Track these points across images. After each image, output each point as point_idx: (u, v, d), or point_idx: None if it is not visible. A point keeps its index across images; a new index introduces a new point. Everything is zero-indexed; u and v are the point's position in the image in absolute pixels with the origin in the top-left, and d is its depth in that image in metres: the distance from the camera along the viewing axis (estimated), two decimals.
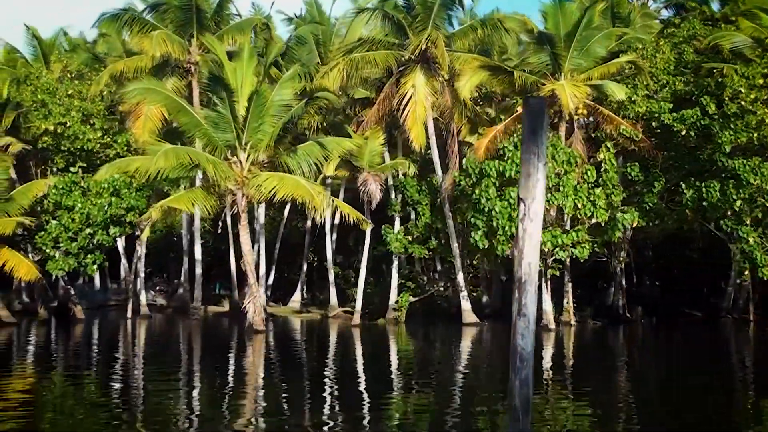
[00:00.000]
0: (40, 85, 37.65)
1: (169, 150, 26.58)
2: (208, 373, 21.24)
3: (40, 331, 34.70)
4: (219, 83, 27.93)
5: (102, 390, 18.12)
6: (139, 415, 15.12)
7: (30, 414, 14.96)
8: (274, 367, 22.90)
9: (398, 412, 15.70)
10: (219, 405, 16.24)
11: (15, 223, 33.60)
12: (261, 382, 19.92)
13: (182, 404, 16.46)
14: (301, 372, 21.41)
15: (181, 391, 18.11)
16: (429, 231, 38.77)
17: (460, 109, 36.39)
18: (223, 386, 18.76)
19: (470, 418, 14.70)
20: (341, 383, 19.26)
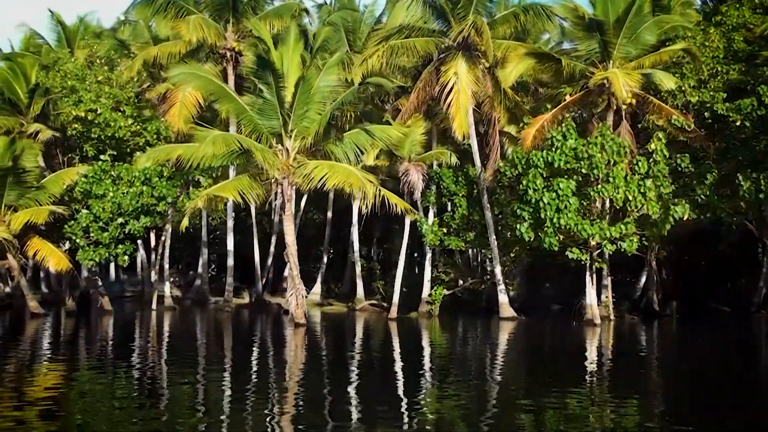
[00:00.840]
0: (70, 70, 36.64)
1: (218, 136, 25.66)
2: (279, 370, 20.41)
3: (74, 323, 33.89)
4: (266, 68, 26.99)
5: (210, 389, 17.27)
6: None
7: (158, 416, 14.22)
8: (340, 364, 21.99)
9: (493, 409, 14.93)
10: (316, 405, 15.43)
11: (47, 212, 32.69)
12: (341, 379, 18.91)
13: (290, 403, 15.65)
14: (371, 368, 20.70)
15: (276, 389, 17.29)
16: (465, 223, 37.88)
17: (499, 98, 35.54)
18: (311, 385, 17.93)
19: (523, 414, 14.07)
20: (419, 378, 18.49)
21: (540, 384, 18.00)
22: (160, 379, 18.39)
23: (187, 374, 18.84)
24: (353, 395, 16.39)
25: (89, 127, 35.86)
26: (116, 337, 28.19)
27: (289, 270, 28.59)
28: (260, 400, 15.67)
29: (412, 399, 15.96)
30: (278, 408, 15.02)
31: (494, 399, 16.20)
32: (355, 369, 20.39)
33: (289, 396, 16.37)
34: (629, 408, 15.25)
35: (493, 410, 15.07)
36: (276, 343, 26.55)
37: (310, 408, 14.96)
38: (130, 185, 35.32)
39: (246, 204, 34.58)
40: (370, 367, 20.95)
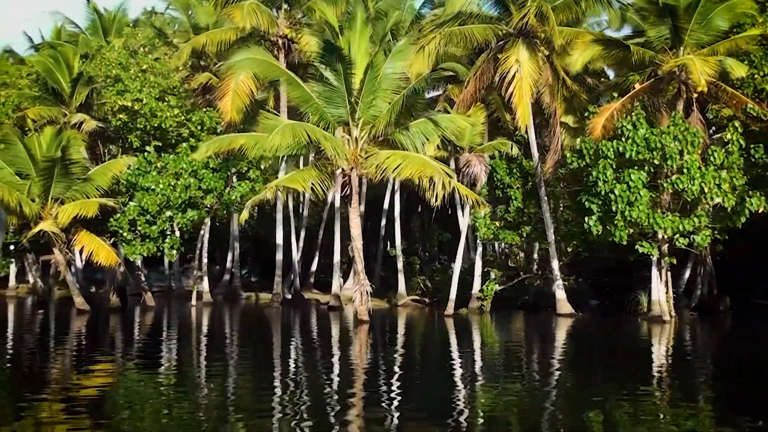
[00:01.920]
0: (113, 59, 35.53)
1: (287, 126, 24.49)
2: (381, 370, 19.29)
3: (123, 319, 32.79)
4: (333, 54, 25.80)
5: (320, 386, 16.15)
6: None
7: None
8: (428, 363, 20.89)
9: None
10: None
11: (97, 205, 31.61)
12: (447, 380, 17.81)
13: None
14: (462, 368, 19.59)
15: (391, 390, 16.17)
16: (520, 216, 36.70)
17: (557, 87, 34.33)
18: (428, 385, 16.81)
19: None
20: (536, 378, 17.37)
21: (625, 385, 16.82)
22: (263, 385, 16.95)
23: (285, 378, 17.60)
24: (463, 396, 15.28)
25: (134, 117, 34.77)
26: (177, 336, 27.03)
27: (354, 265, 27.45)
28: (385, 403, 14.49)
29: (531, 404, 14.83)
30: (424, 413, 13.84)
31: (583, 400, 15.09)
32: (460, 369, 19.32)
33: (412, 397, 15.20)
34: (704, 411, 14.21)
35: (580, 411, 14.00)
36: (350, 342, 25.28)
37: (432, 408, 13.84)
38: (177, 177, 34.28)
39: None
40: (470, 367, 19.83)
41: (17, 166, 31.98)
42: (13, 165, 32.02)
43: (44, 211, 32.15)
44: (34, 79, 37.81)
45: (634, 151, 29.09)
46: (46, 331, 28.48)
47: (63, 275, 33.53)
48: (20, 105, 36.64)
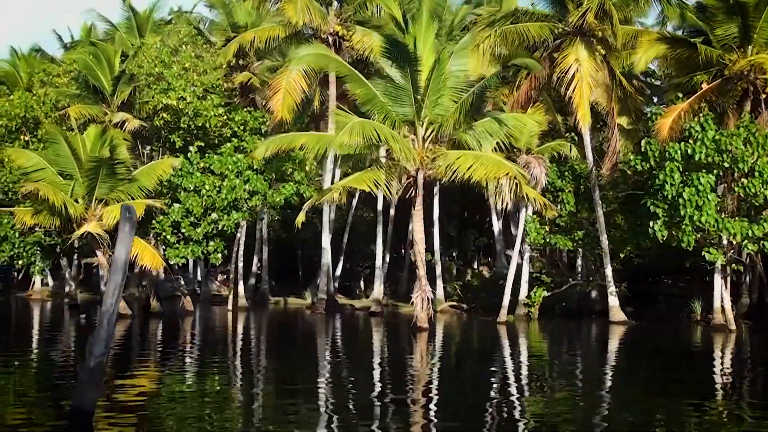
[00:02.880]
0: (154, 57, 34.52)
1: (357, 124, 23.45)
2: (468, 383, 18.30)
3: (167, 324, 31.86)
4: (399, 50, 24.79)
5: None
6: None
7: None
8: (522, 375, 19.81)
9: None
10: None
11: (144, 207, 30.54)
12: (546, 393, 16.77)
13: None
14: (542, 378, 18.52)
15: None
16: (572, 220, 35.61)
17: (613, 87, 33.30)
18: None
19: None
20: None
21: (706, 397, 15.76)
22: (351, 404, 15.86)
23: (365, 389, 16.47)
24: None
25: (178, 116, 33.75)
26: (230, 343, 25.93)
27: (417, 270, 26.35)
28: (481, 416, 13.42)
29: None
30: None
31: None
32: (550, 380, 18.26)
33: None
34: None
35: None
36: (415, 350, 24.15)
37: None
38: (222, 178, 33.27)
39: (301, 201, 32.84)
40: (541, 378, 18.78)
41: (60, 166, 30.95)
42: (55, 164, 31.00)
43: (88, 212, 31.14)
44: (73, 77, 36.81)
45: (703, 154, 28.04)
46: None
47: (105, 278, 32.39)
48: (58, 104, 35.59)
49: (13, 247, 33.10)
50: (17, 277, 52.07)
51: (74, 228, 31.35)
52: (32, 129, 34.38)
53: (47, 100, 34.30)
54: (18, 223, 30.89)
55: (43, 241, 33.62)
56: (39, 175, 30.78)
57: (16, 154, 31.18)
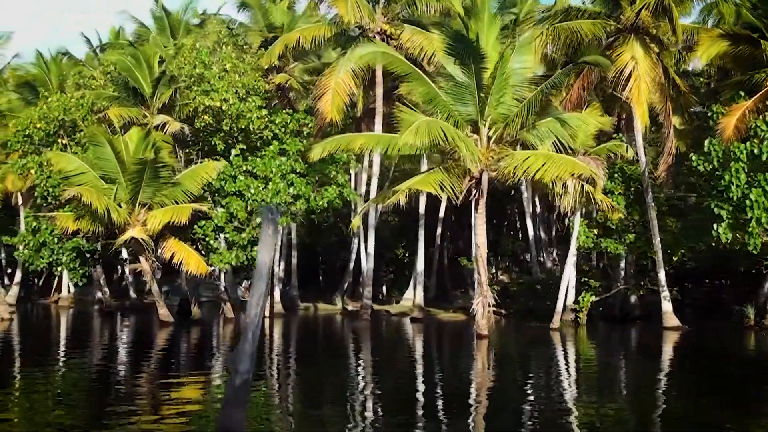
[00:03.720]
0: (193, 59, 33.68)
1: (423, 123, 22.51)
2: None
3: (214, 331, 31.00)
4: (463, 46, 23.87)
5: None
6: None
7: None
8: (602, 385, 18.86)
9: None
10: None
11: (190, 211, 29.75)
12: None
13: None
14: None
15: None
16: (622, 223, 34.59)
17: (668, 86, 32.35)
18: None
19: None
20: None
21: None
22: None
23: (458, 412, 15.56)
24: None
25: (220, 118, 32.91)
26: (297, 353, 24.67)
27: (477, 275, 25.45)
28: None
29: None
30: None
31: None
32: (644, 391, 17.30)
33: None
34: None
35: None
36: (490, 362, 23.07)
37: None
38: (266, 182, 32.42)
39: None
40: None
41: (103, 170, 30.13)
42: (98, 168, 30.19)
43: (131, 217, 30.31)
44: (109, 79, 35.98)
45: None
46: (152, 344, 26.76)
47: (149, 285, 31.58)
48: (93, 106, 34.70)
49: (51, 254, 32.21)
50: (37, 283, 51.18)
51: (116, 233, 30.54)
52: (70, 132, 33.52)
53: (85, 102, 33.41)
54: (60, 229, 30.04)
55: (81, 246, 32.78)
56: (81, 179, 29.98)
57: (57, 157, 30.36)
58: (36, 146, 33.25)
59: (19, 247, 32.63)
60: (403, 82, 26.50)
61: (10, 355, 23.44)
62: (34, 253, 32.41)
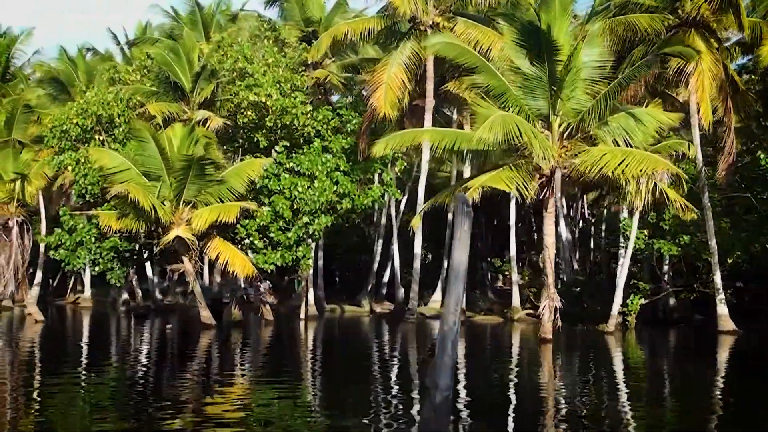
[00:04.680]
0: (237, 52, 32.63)
1: (498, 117, 21.41)
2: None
3: (259, 335, 29.94)
4: (533, 37, 22.80)
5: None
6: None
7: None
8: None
9: None
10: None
11: (237, 210, 28.67)
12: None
13: None
14: None
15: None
16: (676, 224, 33.52)
17: (727, 83, 31.31)
18: None
19: None
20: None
21: None
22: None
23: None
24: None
25: (263, 114, 31.84)
26: (366, 360, 23.29)
27: (545, 277, 24.34)
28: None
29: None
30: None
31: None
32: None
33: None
34: None
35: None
36: (571, 369, 21.93)
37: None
38: (311, 180, 31.35)
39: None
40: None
41: (147, 166, 29.03)
42: (141, 164, 29.09)
43: (175, 215, 29.21)
44: (145, 74, 34.90)
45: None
46: (206, 348, 25.76)
47: (192, 286, 30.46)
48: (129, 102, 33.55)
49: (89, 253, 31.09)
50: (51, 284, 50.03)
51: (160, 233, 29.47)
52: (107, 128, 32.43)
53: (123, 97, 32.32)
54: (103, 228, 28.93)
55: (119, 246, 31.68)
56: (123, 176, 28.88)
57: (99, 154, 29.25)
58: (72, 142, 32.13)
59: (53, 247, 31.43)
60: (464, 75, 25.41)
61: (59, 359, 22.40)
62: (71, 253, 31.28)
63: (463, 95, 33.29)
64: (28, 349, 25.00)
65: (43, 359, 22.38)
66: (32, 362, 21.70)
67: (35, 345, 26.56)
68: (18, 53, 49.97)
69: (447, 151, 23.44)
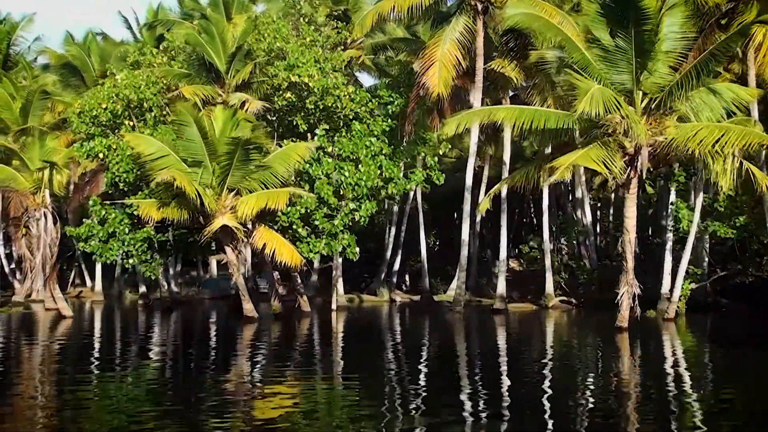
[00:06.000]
0: (273, 31, 30.98)
1: (597, 91, 20.02)
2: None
3: (305, 327, 28.46)
4: (621, 9, 21.38)
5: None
6: None
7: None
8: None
9: None
10: None
11: (287, 196, 27.11)
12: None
13: None
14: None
15: None
16: (732, 205, 32.32)
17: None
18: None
19: None
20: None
21: None
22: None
23: None
24: None
25: (304, 95, 30.24)
26: (477, 355, 21.82)
27: (624, 262, 23.00)
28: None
29: None
30: None
31: None
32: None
33: None
34: None
35: None
36: (648, 357, 20.66)
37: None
38: (355, 164, 29.84)
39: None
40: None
41: (189, 151, 27.37)
42: (182, 150, 27.44)
43: (218, 203, 27.61)
44: (172, 56, 33.15)
45: None
46: (257, 341, 24.30)
47: (235, 278, 28.84)
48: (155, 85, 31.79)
49: (122, 245, 29.42)
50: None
51: (200, 222, 27.87)
52: (138, 114, 30.70)
53: (156, 79, 30.59)
54: (144, 218, 27.27)
55: (153, 237, 30.04)
56: (161, 162, 27.24)
57: (135, 139, 27.52)
58: (102, 128, 30.38)
59: (83, 239, 29.69)
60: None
61: (116, 355, 20.90)
62: (103, 245, 29.56)
63: (509, 74, 32.02)
64: (78, 346, 23.66)
65: (100, 356, 20.90)
66: (89, 358, 20.26)
67: (83, 341, 25.23)
68: (18, 40, 48.05)
69: (525, 129, 21.88)
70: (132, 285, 47.55)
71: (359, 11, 36.51)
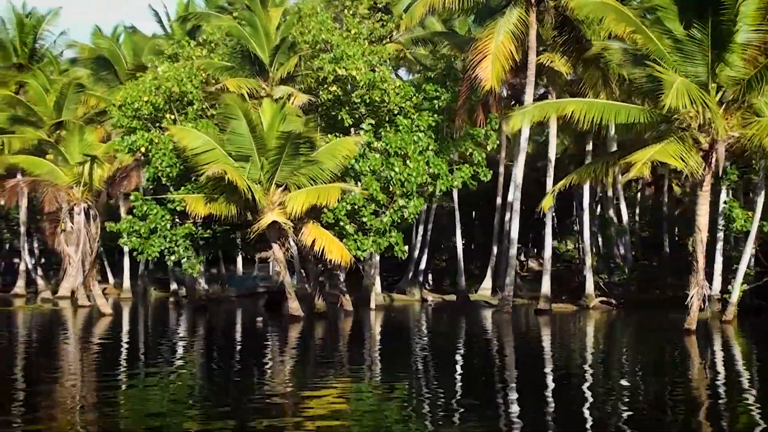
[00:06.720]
0: (318, 23, 30.20)
1: (681, 84, 19.18)
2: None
3: (353, 327, 27.78)
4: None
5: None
6: None
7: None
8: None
9: None
10: None
11: (338, 192, 26.35)
12: None
13: None
14: None
15: None
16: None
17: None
18: None
19: None
20: None
21: None
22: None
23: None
24: None
25: (350, 89, 29.46)
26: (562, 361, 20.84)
27: (695, 262, 22.16)
28: None
29: None
30: None
31: None
32: None
33: None
34: None
35: None
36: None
37: None
38: (403, 160, 29.06)
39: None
40: None
41: (234, 145, 26.63)
42: (224, 144, 26.69)
43: (266, 199, 26.87)
44: (212, 48, 32.40)
45: None
46: (316, 342, 23.63)
47: (282, 276, 28.08)
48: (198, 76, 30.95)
49: (164, 241, 28.71)
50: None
51: (248, 218, 27.14)
52: (179, 107, 29.97)
53: (198, 72, 29.86)
54: (191, 213, 26.57)
55: (194, 233, 29.33)
56: (208, 156, 26.51)
57: (181, 133, 26.81)
58: (144, 122, 29.67)
59: (125, 235, 29.01)
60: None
61: (172, 354, 20.18)
62: (145, 241, 28.87)
63: (559, 68, 31.18)
64: (128, 344, 23.14)
65: (158, 356, 20.22)
66: (148, 357, 19.59)
67: (132, 341, 24.66)
68: (44, 34, 47.33)
69: (594, 123, 21.05)
70: (155, 282, 46.89)
71: (399, 4, 35.72)
